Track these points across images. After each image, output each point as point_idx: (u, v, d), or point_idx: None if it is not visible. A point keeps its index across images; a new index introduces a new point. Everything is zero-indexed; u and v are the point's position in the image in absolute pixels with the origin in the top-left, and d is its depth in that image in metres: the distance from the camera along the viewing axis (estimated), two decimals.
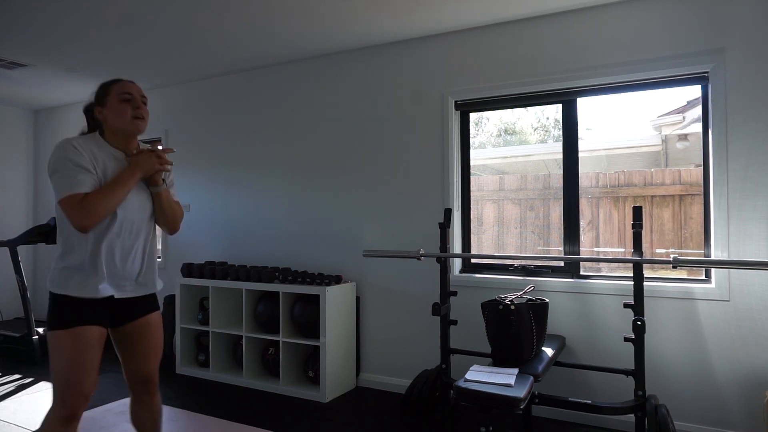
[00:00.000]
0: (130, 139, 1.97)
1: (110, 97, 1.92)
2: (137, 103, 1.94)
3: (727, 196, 2.86)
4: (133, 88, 1.96)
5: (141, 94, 1.98)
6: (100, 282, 1.87)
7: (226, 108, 4.64)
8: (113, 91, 1.92)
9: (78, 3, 3.12)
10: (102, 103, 1.94)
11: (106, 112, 1.92)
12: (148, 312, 2.05)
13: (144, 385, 2.07)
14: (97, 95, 1.97)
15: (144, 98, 1.99)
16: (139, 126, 1.95)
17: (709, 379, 2.90)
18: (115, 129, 1.93)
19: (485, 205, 3.72)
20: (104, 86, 1.96)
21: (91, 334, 1.84)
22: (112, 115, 1.91)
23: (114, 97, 1.91)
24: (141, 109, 1.94)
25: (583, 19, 3.22)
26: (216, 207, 4.69)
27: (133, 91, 1.95)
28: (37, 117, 6.09)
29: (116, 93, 1.92)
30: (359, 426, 3.17)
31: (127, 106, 1.91)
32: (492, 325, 2.72)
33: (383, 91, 3.88)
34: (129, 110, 1.91)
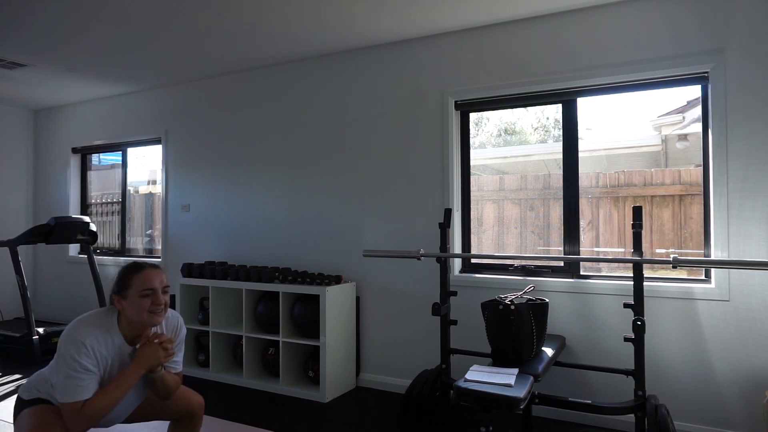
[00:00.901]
0: (146, 329, 1.95)
1: (131, 291, 1.89)
2: (158, 298, 1.91)
3: (727, 196, 2.86)
4: (156, 280, 1.93)
5: (163, 285, 1.95)
6: None
7: (226, 108, 4.64)
8: (135, 285, 1.89)
9: (78, 3, 3.12)
10: (122, 294, 1.91)
11: (125, 304, 1.90)
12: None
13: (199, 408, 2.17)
14: (118, 284, 1.93)
15: (166, 287, 1.96)
16: (157, 320, 1.92)
17: (709, 379, 2.90)
18: (131, 320, 1.91)
19: (485, 205, 3.72)
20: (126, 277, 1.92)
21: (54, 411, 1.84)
22: (130, 308, 1.89)
23: (134, 291, 1.89)
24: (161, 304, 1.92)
25: (583, 19, 3.22)
26: (216, 207, 4.69)
27: (156, 284, 1.92)
28: (37, 117, 6.09)
29: (137, 287, 1.89)
30: (359, 426, 3.17)
31: (147, 301, 1.89)
32: (492, 325, 2.72)
33: (383, 91, 3.88)
34: (148, 305, 1.89)
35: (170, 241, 4.96)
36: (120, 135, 5.33)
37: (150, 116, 5.12)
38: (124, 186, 5.48)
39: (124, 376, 1.85)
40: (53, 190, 5.90)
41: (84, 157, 5.83)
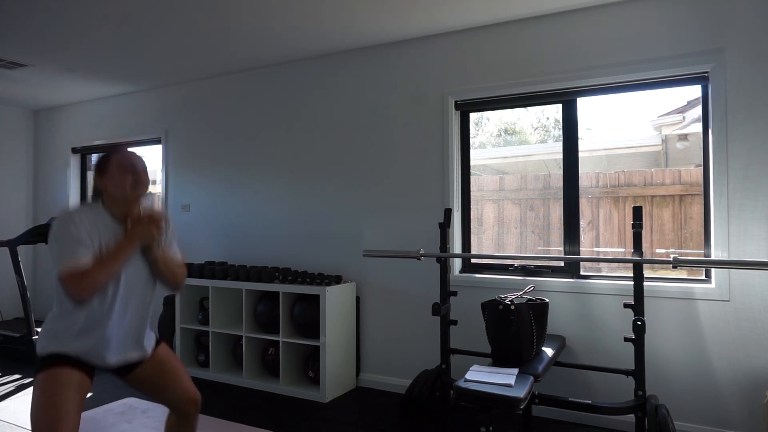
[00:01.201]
0: (131, 205, 1.95)
1: (110, 166, 1.92)
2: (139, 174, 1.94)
3: (727, 196, 2.86)
4: (135, 158, 1.96)
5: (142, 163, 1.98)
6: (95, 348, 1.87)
7: (225, 108, 4.64)
8: (114, 161, 1.92)
9: (78, 3, 3.12)
10: (102, 172, 1.93)
11: (106, 181, 1.92)
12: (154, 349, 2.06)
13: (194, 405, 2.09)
14: (97, 165, 1.96)
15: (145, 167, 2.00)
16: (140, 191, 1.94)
17: (709, 379, 2.90)
18: (115, 198, 1.92)
19: (485, 205, 3.72)
20: (105, 157, 1.96)
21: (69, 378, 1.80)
22: (111, 184, 1.91)
23: (114, 167, 1.91)
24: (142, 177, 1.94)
25: (583, 19, 3.22)
26: (216, 207, 4.68)
27: (135, 160, 1.95)
28: (37, 117, 6.09)
29: (116, 163, 1.92)
30: (359, 426, 3.17)
31: (128, 176, 1.91)
32: (492, 325, 2.71)
33: (383, 91, 3.88)
34: (129, 179, 1.91)
35: None
36: (120, 135, 5.32)
37: (150, 116, 5.12)
38: None
39: (117, 247, 1.84)
40: (53, 190, 5.90)
41: (84, 157, 5.83)
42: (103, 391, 3.78)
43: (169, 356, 2.09)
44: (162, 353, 2.07)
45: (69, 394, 1.78)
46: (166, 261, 2.01)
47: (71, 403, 1.77)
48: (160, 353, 2.07)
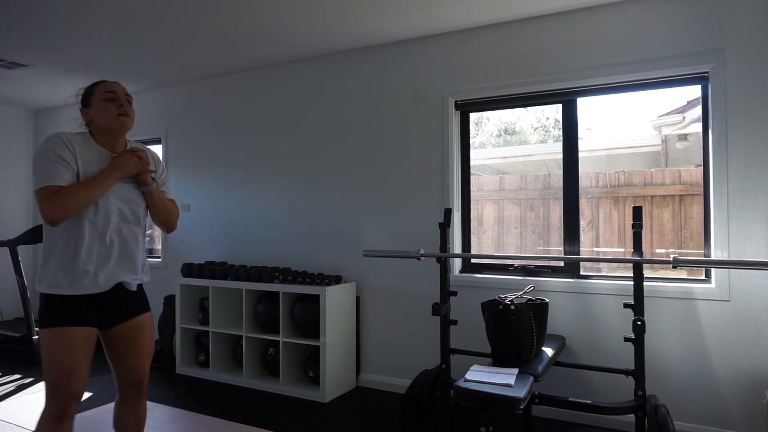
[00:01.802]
0: (118, 137, 2.00)
1: (94, 97, 1.96)
2: (121, 101, 1.97)
3: (727, 196, 2.86)
4: (117, 87, 1.99)
5: (125, 93, 2.01)
6: (86, 278, 1.89)
7: (225, 108, 4.64)
8: (97, 92, 1.96)
9: (78, 3, 3.12)
10: (87, 104, 1.97)
11: (92, 112, 1.95)
12: (139, 313, 2.06)
13: (136, 386, 2.08)
14: (82, 97, 2.00)
15: (128, 97, 2.02)
16: (125, 123, 1.97)
17: (709, 379, 2.90)
18: (102, 128, 1.96)
19: (485, 205, 3.72)
20: (88, 88, 2.00)
21: (76, 334, 1.86)
22: (97, 114, 1.94)
23: (98, 97, 1.95)
24: (125, 107, 1.97)
25: (583, 19, 3.22)
26: (216, 207, 4.69)
27: (117, 90, 1.98)
28: (37, 117, 6.09)
29: (100, 93, 1.96)
30: (359, 426, 3.17)
31: (112, 105, 1.95)
32: (492, 325, 2.71)
33: (383, 91, 3.88)
34: (114, 108, 1.94)
35: (170, 241, 4.96)
36: None
37: (150, 116, 5.12)
38: None
39: (99, 174, 1.87)
40: None
41: None
42: (103, 391, 3.78)
43: (147, 329, 2.09)
44: (145, 322, 2.08)
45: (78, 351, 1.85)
46: (160, 195, 2.07)
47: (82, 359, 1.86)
48: (144, 322, 2.07)
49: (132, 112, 2.01)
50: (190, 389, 3.84)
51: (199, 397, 3.67)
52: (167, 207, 2.10)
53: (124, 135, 2.03)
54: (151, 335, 2.10)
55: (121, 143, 2.02)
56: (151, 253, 5.33)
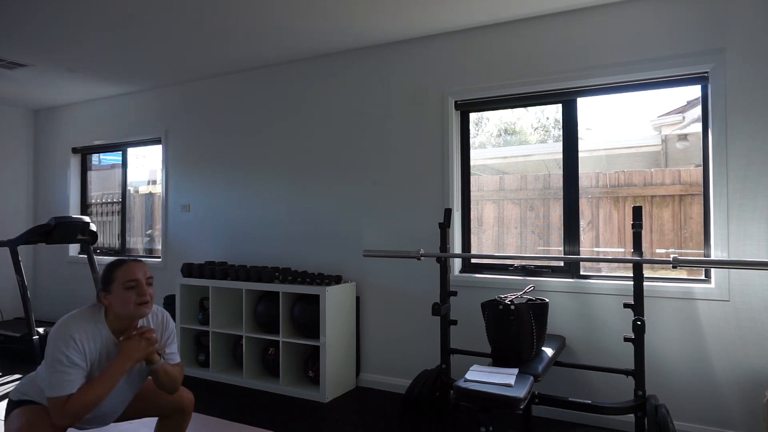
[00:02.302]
0: (133, 322, 1.99)
1: (115, 284, 1.93)
2: (142, 289, 1.94)
3: (727, 196, 2.86)
4: (139, 272, 1.95)
5: (147, 276, 1.98)
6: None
7: (225, 108, 4.64)
8: (118, 278, 1.93)
9: (78, 3, 3.12)
10: (107, 289, 1.94)
11: (111, 298, 1.93)
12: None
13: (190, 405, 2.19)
14: (103, 280, 1.96)
15: (150, 279, 1.99)
16: (144, 311, 1.95)
17: (709, 379, 2.90)
18: (119, 315, 1.94)
19: (485, 205, 3.72)
20: (108, 272, 1.96)
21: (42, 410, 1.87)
22: (116, 302, 1.92)
23: (118, 285, 1.92)
24: (146, 294, 1.95)
25: (583, 19, 3.22)
26: (216, 207, 4.68)
27: (139, 276, 1.95)
28: (37, 117, 6.09)
29: (121, 281, 1.92)
30: (359, 426, 3.17)
31: (132, 293, 1.92)
32: (492, 325, 2.71)
33: (383, 91, 3.88)
34: (134, 297, 1.92)
35: (170, 241, 4.96)
36: (120, 135, 5.33)
37: (150, 116, 5.12)
38: (124, 186, 5.48)
39: (110, 371, 1.86)
40: (53, 190, 5.90)
41: (84, 157, 5.83)
42: None
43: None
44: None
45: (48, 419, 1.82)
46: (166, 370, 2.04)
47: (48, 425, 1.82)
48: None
49: (152, 293, 2.00)
50: (191, 389, 3.84)
51: (199, 397, 3.68)
52: (172, 378, 2.06)
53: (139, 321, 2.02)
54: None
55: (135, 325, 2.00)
56: (151, 253, 5.33)
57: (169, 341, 2.13)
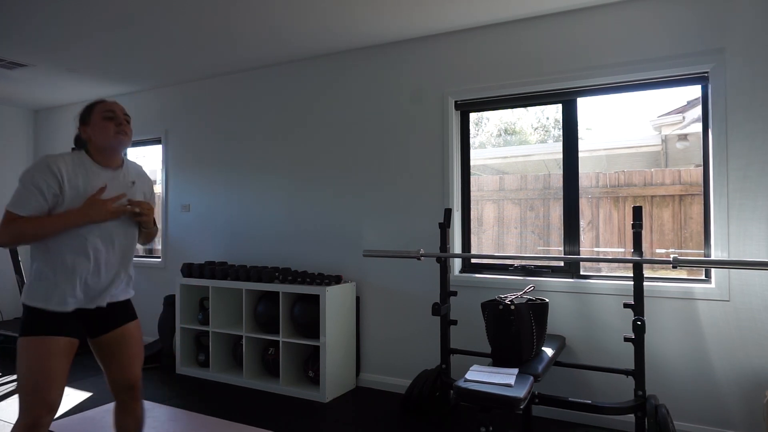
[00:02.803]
0: (114, 155, 2.05)
1: (93, 115, 2.00)
2: (120, 120, 2.01)
3: (727, 196, 2.86)
4: (116, 106, 2.04)
5: (123, 112, 2.04)
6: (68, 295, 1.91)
7: (225, 108, 4.64)
8: (96, 110, 2.01)
9: (78, 3, 3.12)
10: (86, 121, 2.01)
11: (90, 130, 2.00)
12: (125, 321, 2.10)
13: (129, 391, 2.11)
14: (81, 115, 2.04)
15: (127, 116, 2.05)
16: (123, 140, 2.02)
17: (709, 379, 2.90)
18: (99, 146, 2.00)
19: (485, 205, 3.72)
20: (87, 106, 2.04)
21: (57, 344, 1.87)
22: (95, 132, 1.99)
23: (97, 116, 1.99)
24: (124, 125, 2.02)
25: (583, 20, 3.22)
26: (216, 207, 4.69)
27: (116, 109, 2.02)
28: (37, 117, 6.09)
29: (99, 111, 2.00)
30: (359, 426, 3.17)
31: (110, 123, 1.99)
32: (492, 325, 2.71)
33: (383, 91, 3.88)
34: (112, 127, 1.99)
35: (170, 241, 4.96)
36: None
37: (150, 116, 5.12)
38: None
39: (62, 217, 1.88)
40: None
41: None
42: (103, 391, 3.78)
43: (135, 337, 2.12)
44: (131, 331, 2.11)
45: (58, 360, 1.86)
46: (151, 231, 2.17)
47: (60, 370, 1.87)
48: (131, 330, 2.11)
49: (130, 130, 2.06)
50: (190, 389, 3.84)
51: (199, 397, 3.68)
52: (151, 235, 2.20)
53: (120, 153, 2.08)
54: (138, 343, 2.14)
55: (117, 160, 2.07)
56: (151, 253, 5.33)
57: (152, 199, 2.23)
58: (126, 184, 2.07)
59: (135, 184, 2.11)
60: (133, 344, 2.11)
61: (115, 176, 2.03)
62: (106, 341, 2.06)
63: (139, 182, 2.14)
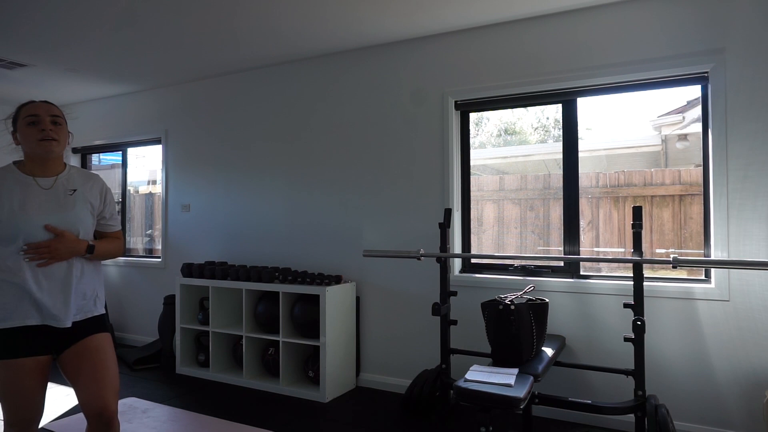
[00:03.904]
0: (46, 163, 1.89)
1: (18, 121, 1.87)
2: (44, 124, 1.83)
3: (727, 196, 2.86)
4: (40, 108, 1.86)
5: (51, 114, 1.87)
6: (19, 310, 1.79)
7: (226, 108, 4.64)
8: (21, 115, 1.86)
9: (78, 3, 3.12)
10: (15, 127, 1.89)
11: (19, 137, 1.87)
12: (92, 333, 1.90)
13: (98, 418, 1.81)
14: (12, 120, 1.91)
15: (56, 117, 1.88)
16: (48, 147, 1.84)
17: (709, 379, 2.90)
18: (28, 154, 1.88)
19: (485, 205, 3.72)
20: (16, 111, 1.89)
21: (22, 366, 1.78)
22: (22, 139, 1.86)
23: (21, 122, 1.85)
24: (48, 131, 1.84)
25: (583, 20, 3.22)
26: (216, 207, 4.69)
27: (40, 111, 1.85)
28: None
29: (23, 117, 1.85)
30: (359, 426, 3.17)
31: (33, 130, 1.83)
32: (492, 325, 2.71)
33: (383, 91, 3.88)
34: (35, 133, 1.83)
35: (170, 241, 4.96)
36: (120, 135, 5.32)
37: (150, 116, 5.12)
38: (124, 186, 5.48)
39: None
40: None
41: (84, 156, 5.83)
42: None
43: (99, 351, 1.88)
44: (95, 344, 1.89)
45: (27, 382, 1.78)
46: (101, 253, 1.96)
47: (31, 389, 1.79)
48: (94, 343, 1.89)
49: (61, 134, 1.88)
50: (190, 389, 3.84)
51: (199, 397, 3.68)
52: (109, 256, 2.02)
53: (55, 160, 1.91)
54: (110, 359, 1.90)
55: (53, 168, 1.91)
56: (151, 253, 5.33)
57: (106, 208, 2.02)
58: (62, 194, 1.88)
59: (75, 192, 1.91)
60: (102, 360, 1.86)
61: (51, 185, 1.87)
62: (72, 355, 1.86)
63: (83, 189, 1.94)
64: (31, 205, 1.82)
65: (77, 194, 1.92)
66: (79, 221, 1.91)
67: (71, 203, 1.89)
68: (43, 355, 1.83)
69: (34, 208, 1.82)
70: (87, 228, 1.95)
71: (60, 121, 1.89)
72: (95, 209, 1.98)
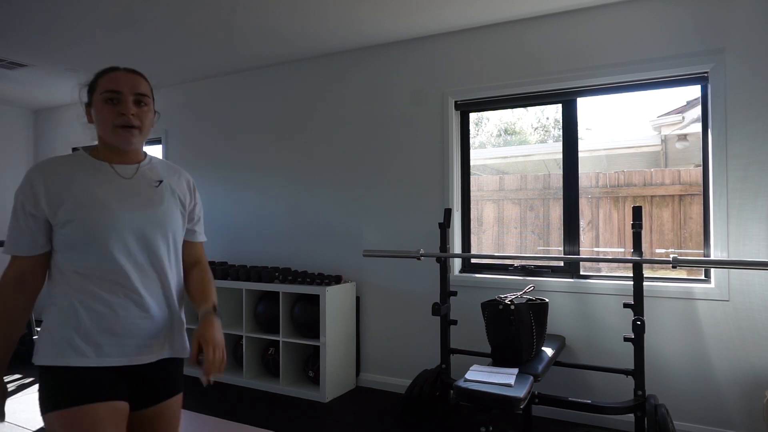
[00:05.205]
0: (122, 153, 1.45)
1: (96, 93, 1.40)
2: (124, 107, 1.38)
3: (727, 196, 2.86)
4: (124, 82, 1.39)
5: (135, 91, 1.40)
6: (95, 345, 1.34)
7: (225, 108, 4.64)
8: (99, 86, 1.40)
9: (78, 3, 3.12)
10: (90, 101, 1.43)
11: (93, 114, 1.42)
12: (171, 395, 1.50)
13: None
14: (88, 89, 1.45)
15: (141, 96, 1.41)
16: (124, 137, 1.39)
17: (709, 379, 2.90)
18: (102, 138, 1.44)
19: (485, 205, 3.72)
20: (96, 76, 1.43)
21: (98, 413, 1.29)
22: (96, 119, 1.41)
23: (98, 96, 1.39)
24: (129, 116, 1.38)
25: (583, 19, 3.22)
26: (216, 207, 4.69)
27: (122, 87, 1.38)
28: (37, 117, 6.09)
29: (101, 90, 1.39)
30: (359, 426, 3.17)
31: (110, 110, 1.38)
32: (492, 325, 2.72)
33: (383, 91, 3.88)
34: (112, 115, 1.38)
35: None
36: None
37: None
38: None
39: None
40: None
41: None
42: None
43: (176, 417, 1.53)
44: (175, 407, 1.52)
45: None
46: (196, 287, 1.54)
47: None
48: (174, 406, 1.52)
49: (145, 119, 1.42)
50: (191, 389, 3.84)
51: (199, 397, 3.68)
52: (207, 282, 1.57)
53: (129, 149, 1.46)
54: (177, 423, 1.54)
55: (133, 155, 1.48)
56: None
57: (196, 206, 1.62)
58: (147, 185, 1.46)
59: (162, 184, 1.50)
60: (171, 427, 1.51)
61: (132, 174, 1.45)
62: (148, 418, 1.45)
63: (169, 181, 1.53)
64: (111, 199, 1.38)
65: (164, 186, 1.49)
66: (171, 221, 1.48)
67: (159, 197, 1.46)
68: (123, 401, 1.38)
69: (115, 202, 1.38)
70: (178, 231, 1.51)
71: (147, 101, 1.43)
72: (186, 207, 1.56)
